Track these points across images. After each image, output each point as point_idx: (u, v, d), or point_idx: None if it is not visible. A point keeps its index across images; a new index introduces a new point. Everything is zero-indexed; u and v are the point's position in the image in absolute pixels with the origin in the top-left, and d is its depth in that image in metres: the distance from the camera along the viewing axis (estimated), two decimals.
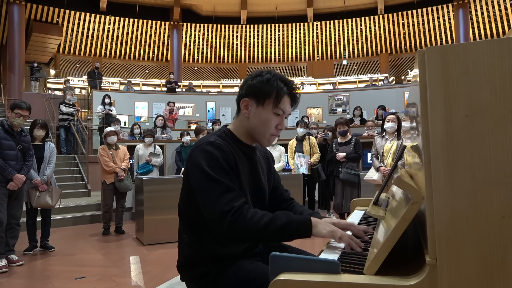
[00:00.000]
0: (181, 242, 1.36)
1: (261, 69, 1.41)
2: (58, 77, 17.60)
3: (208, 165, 1.21)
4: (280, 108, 1.30)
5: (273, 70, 1.36)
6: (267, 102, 1.29)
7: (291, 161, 5.96)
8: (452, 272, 0.83)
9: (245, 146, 1.36)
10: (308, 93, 12.78)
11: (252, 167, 1.37)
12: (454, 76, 0.86)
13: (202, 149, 1.24)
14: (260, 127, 1.32)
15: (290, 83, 1.33)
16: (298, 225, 1.18)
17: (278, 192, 1.53)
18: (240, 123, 1.36)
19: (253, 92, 1.31)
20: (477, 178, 0.84)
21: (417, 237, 1.09)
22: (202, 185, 1.21)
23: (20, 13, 14.32)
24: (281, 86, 1.30)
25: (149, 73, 20.73)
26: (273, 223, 1.17)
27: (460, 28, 16.03)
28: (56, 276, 3.45)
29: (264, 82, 1.30)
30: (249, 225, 1.16)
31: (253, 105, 1.31)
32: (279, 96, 1.29)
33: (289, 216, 1.21)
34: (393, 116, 4.73)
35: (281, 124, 1.34)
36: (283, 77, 1.33)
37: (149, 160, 5.94)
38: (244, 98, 1.33)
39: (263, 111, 1.30)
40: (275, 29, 18.97)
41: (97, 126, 9.73)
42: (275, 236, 1.18)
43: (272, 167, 1.54)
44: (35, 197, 4.11)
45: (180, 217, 1.36)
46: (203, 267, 1.28)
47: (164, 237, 4.53)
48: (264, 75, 1.31)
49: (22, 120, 3.78)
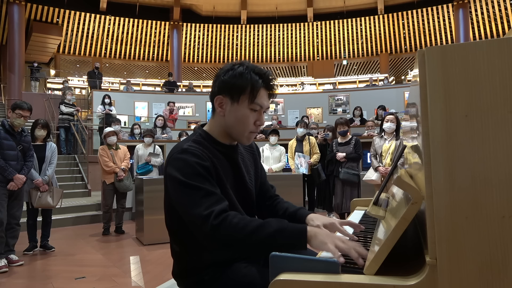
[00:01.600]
0: (173, 252, 1.31)
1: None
2: (58, 77, 17.60)
3: (183, 174, 1.12)
4: (257, 103, 1.20)
5: (246, 61, 1.25)
6: (242, 98, 1.19)
7: (291, 161, 5.96)
8: (452, 272, 0.83)
9: (224, 147, 1.27)
10: (308, 93, 12.78)
11: (234, 168, 1.28)
12: (454, 76, 0.86)
13: (175, 158, 1.17)
14: (237, 126, 1.22)
15: (266, 74, 1.22)
16: (289, 235, 1.05)
17: (263, 189, 1.44)
18: (216, 122, 1.28)
19: (226, 88, 1.21)
20: (477, 178, 0.84)
21: (417, 237, 1.09)
22: (180, 195, 1.13)
23: (20, 13, 14.31)
24: (255, 79, 1.19)
25: (149, 73, 20.73)
26: (260, 231, 1.05)
27: (460, 28, 16.04)
28: (56, 276, 3.45)
29: (237, 76, 1.19)
30: (234, 231, 1.06)
31: (227, 102, 1.22)
32: (255, 90, 1.19)
33: (281, 224, 1.07)
34: (392, 116, 4.73)
35: (260, 120, 1.24)
36: (257, 69, 1.22)
37: (148, 160, 5.94)
38: (217, 96, 1.23)
39: (239, 108, 1.20)
40: (275, 29, 18.97)
41: (97, 126, 9.73)
42: (261, 247, 1.06)
43: (258, 162, 1.44)
44: (36, 198, 4.11)
45: (167, 229, 1.29)
46: (197, 276, 1.22)
47: (164, 237, 4.48)
48: (236, 69, 1.21)
49: (23, 121, 3.78)
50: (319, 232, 1.05)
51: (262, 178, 1.44)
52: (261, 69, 1.24)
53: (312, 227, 1.07)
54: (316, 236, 1.03)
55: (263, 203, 1.42)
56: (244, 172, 1.31)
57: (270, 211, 1.42)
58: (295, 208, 1.36)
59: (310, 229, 1.06)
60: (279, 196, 1.47)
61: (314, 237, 1.03)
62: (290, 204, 1.41)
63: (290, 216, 1.34)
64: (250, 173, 1.35)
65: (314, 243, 1.03)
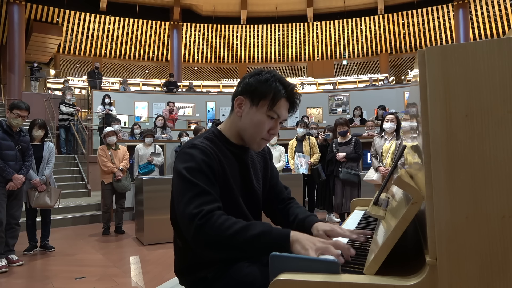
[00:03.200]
0: (176, 247, 1.31)
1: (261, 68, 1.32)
2: (58, 77, 17.61)
3: (186, 167, 1.14)
4: (275, 111, 1.21)
5: (274, 71, 1.27)
6: (262, 103, 1.21)
7: (291, 161, 5.97)
8: (452, 272, 0.83)
9: (235, 147, 1.28)
10: (308, 93, 12.79)
11: (243, 169, 1.29)
12: (454, 76, 0.86)
13: (184, 152, 1.19)
14: (251, 129, 1.23)
15: (290, 86, 1.23)
16: (272, 239, 1.04)
17: (275, 192, 1.43)
18: (232, 122, 1.28)
19: (249, 90, 1.22)
20: (477, 178, 0.84)
21: (417, 237, 1.09)
22: (178, 188, 1.15)
23: (20, 13, 14.32)
24: (279, 88, 1.21)
25: (149, 73, 20.73)
26: (243, 232, 1.05)
27: (460, 28, 16.04)
28: (56, 276, 3.45)
29: (262, 81, 1.21)
30: (217, 232, 1.05)
31: (247, 104, 1.23)
32: (276, 98, 1.20)
33: (265, 227, 1.06)
34: (392, 116, 4.73)
35: (274, 129, 1.24)
36: (283, 79, 1.24)
37: (150, 160, 5.94)
38: (238, 96, 1.24)
39: (256, 112, 1.21)
40: (275, 29, 18.98)
41: (97, 126, 9.73)
42: (244, 248, 1.05)
43: (269, 165, 1.44)
44: (34, 198, 4.10)
45: (172, 223, 1.29)
46: (200, 272, 1.22)
47: (164, 237, 4.53)
48: (263, 75, 1.23)
49: (21, 121, 3.78)
50: (301, 238, 1.04)
51: (273, 180, 1.43)
52: (287, 81, 1.25)
53: (295, 232, 1.06)
54: (298, 240, 1.03)
55: (275, 206, 1.41)
56: (252, 174, 1.31)
57: (282, 215, 1.41)
58: (305, 215, 1.33)
59: (293, 233, 1.05)
60: (293, 200, 1.44)
61: (297, 242, 1.02)
62: (302, 209, 1.37)
63: (299, 223, 1.31)
64: (258, 176, 1.35)
65: (296, 248, 1.02)
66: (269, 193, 1.41)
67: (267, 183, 1.40)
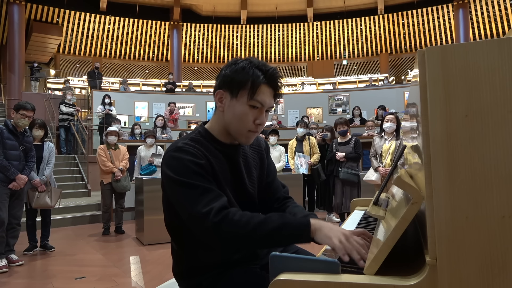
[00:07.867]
0: (172, 250, 1.28)
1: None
2: (58, 77, 17.60)
3: (177, 173, 1.09)
4: (257, 99, 1.12)
5: (252, 57, 1.18)
6: (241, 93, 1.13)
7: (291, 161, 5.97)
8: (452, 272, 0.83)
9: (224, 146, 1.21)
10: (308, 93, 12.78)
11: (233, 168, 1.22)
12: (454, 76, 0.86)
13: (169, 157, 1.13)
14: (235, 122, 1.15)
15: (270, 70, 1.14)
16: (293, 229, 1.03)
17: (271, 189, 1.36)
18: (217, 119, 1.21)
19: (226, 82, 1.15)
20: (477, 178, 0.84)
21: (417, 237, 1.09)
22: (177, 194, 1.10)
23: (20, 13, 14.31)
24: (257, 75, 1.12)
25: (149, 73, 20.73)
26: (263, 226, 1.03)
27: (460, 28, 16.03)
28: (56, 276, 3.45)
29: (238, 70, 1.13)
30: (236, 228, 1.03)
31: (227, 97, 1.16)
32: (255, 86, 1.12)
33: (284, 219, 1.05)
34: (392, 116, 4.73)
35: (260, 119, 1.15)
36: (261, 64, 1.15)
37: (151, 161, 5.94)
38: (218, 90, 1.17)
39: (237, 104, 1.14)
40: (275, 29, 18.97)
41: (97, 126, 9.73)
42: (265, 242, 1.04)
43: (265, 161, 1.36)
44: (34, 198, 4.10)
45: (166, 227, 1.25)
46: (196, 278, 1.19)
47: (164, 237, 4.50)
48: (238, 63, 1.15)
49: (27, 121, 3.83)
50: (324, 225, 1.02)
51: (270, 177, 1.36)
52: (266, 65, 1.16)
53: (316, 220, 1.04)
54: (320, 229, 1.02)
55: (271, 205, 1.35)
56: (244, 173, 1.25)
57: None
58: (303, 214, 1.28)
59: (314, 221, 1.03)
60: (291, 199, 1.39)
61: (319, 230, 1.01)
62: (300, 209, 1.32)
63: None
64: (252, 174, 1.29)
65: (319, 236, 1.01)
66: (265, 191, 1.34)
67: (263, 181, 1.34)
